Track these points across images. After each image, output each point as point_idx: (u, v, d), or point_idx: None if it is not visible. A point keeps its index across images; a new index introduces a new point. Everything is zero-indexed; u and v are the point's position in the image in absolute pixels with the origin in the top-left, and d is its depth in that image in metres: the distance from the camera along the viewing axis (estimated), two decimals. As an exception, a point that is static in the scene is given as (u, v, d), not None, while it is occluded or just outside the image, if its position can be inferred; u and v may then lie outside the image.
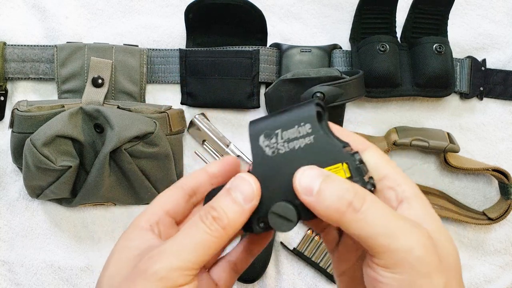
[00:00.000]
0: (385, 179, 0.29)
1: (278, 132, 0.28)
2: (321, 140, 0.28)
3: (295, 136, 0.28)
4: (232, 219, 0.27)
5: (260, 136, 0.29)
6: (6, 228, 0.63)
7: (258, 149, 0.29)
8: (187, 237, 0.26)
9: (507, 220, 0.64)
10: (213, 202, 0.27)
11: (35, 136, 0.53)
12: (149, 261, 0.26)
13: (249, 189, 0.27)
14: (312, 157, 0.28)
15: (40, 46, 0.62)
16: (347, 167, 0.27)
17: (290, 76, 0.55)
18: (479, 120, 0.65)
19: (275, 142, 0.28)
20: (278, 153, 0.28)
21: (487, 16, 0.66)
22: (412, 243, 0.25)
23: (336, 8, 0.66)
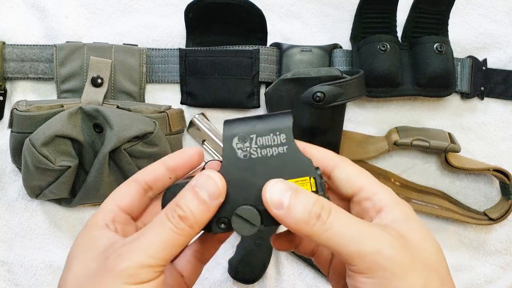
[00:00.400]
0: (361, 191, 0.30)
1: (253, 137, 0.29)
2: (293, 152, 0.29)
3: (269, 143, 0.29)
4: (198, 217, 0.27)
5: (235, 138, 0.29)
6: (5, 228, 0.63)
7: (230, 150, 0.29)
8: (154, 235, 0.27)
9: (508, 220, 0.64)
10: (179, 200, 0.28)
11: (34, 136, 0.52)
12: (117, 258, 0.26)
13: (214, 186, 0.28)
14: (282, 167, 0.29)
15: (39, 45, 0.62)
16: (314, 181, 0.29)
17: (291, 75, 0.55)
18: (480, 120, 0.65)
19: (249, 146, 0.29)
20: (250, 157, 0.29)
21: (488, 16, 0.66)
22: (379, 245, 0.26)
23: (337, 8, 0.65)
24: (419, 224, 0.29)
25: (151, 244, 0.26)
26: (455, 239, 0.64)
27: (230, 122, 0.30)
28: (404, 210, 0.29)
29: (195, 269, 0.34)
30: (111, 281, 0.25)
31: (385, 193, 0.30)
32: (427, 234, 0.29)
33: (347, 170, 0.31)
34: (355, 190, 0.31)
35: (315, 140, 0.56)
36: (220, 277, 0.63)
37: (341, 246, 0.26)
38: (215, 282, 0.63)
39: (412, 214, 0.29)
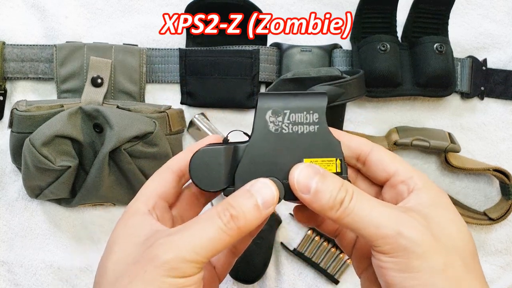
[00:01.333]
0: (396, 175, 0.31)
1: (287, 113, 0.30)
2: (323, 132, 0.30)
3: (301, 121, 0.30)
4: (249, 221, 0.27)
5: (268, 110, 0.30)
6: (5, 228, 0.63)
7: (262, 122, 0.30)
8: (202, 230, 0.26)
9: (508, 220, 0.64)
10: (232, 200, 0.28)
11: (34, 136, 0.52)
12: (161, 249, 0.26)
13: (270, 196, 0.28)
14: (311, 145, 0.30)
15: (39, 45, 0.62)
16: (339, 163, 0.30)
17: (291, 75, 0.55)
18: (480, 120, 0.65)
19: (281, 121, 0.30)
20: (281, 132, 0.30)
21: (488, 16, 0.66)
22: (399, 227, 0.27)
23: (337, 7, 0.65)
24: (447, 210, 0.29)
25: (198, 239, 0.26)
26: (455, 239, 0.64)
27: (265, 95, 0.30)
28: (433, 195, 0.30)
29: (227, 262, 0.34)
30: (152, 270, 0.25)
31: (419, 177, 0.30)
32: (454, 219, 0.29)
33: (382, 155, 0.32)
34: (390, 174, 0.31)
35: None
36: (220, 277, 0.63)
37: (363, 229, 0.27)
38: (215, 282, 0.63)
39: (442, 200, 0.30)
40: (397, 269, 0.27)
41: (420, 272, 0.26)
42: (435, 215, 0.28)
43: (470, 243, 0.29)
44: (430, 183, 0.30)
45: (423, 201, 0.29)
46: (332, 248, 0.63)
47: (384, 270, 0.27)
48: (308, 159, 0.30)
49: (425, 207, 0.29)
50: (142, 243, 0.27)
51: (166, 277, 0.25)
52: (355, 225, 0.27)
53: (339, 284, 0.63)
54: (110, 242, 0.29)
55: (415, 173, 0.31)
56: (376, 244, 0.27)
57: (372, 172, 0.33)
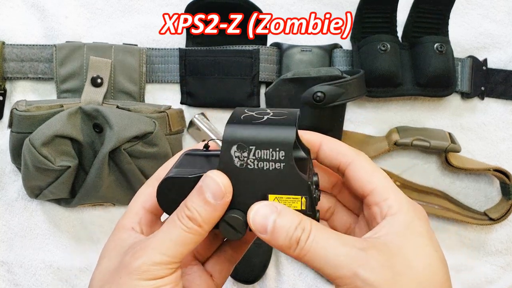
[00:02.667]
0: (371, 195, 0.30)
1: (252, 149, 0.29)
2: (289, 170, 0.29)
3: (267, 157, 0.29)
4: (205, 217, 0.28)
5: (234, 145, 0.29)
6: (4, 229, 0.63)
7: (228, 156, 0.29)
8: (166, 234, 0.28)
9: (508, 221, 0.64)
10: (187, 201, 0.29)
11: (34, 136, 0.52)
12: (133, 256, 0.28)
13: (217, 188, 0.28)
14: (276, 182, 0.29)
15: (39, 45, 0.62)
16: (305, 201, 0.29)
17: (291, 75, 0.55)
18: (480, 120, 0.65)
19: (246, 156, 0.29)
20: (246, 167, 0.29)
21: (488, 16, 0.66)
22: (355, 268, 0.26)
23: (337, 7, 0.65)
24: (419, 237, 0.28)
25: (163, 242, 0.28)
26: (455, 239, 0.64)
27: (232, 125, 0.29)
28: (407, 220, 0.29)
29: (224, 270, 0.35)
30: (127, 277, 0.27)
31: (395, 200, 0.29)
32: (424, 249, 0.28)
33: (361, 170, 0.31)
34: (366, 192, 0.31)
35: (315, 140, 0.56)
36: (220, 277, 0.63)
37: (321, 269, 0.27)
38: (215, 282, 0.63)
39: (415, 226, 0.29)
40: None
41: None
42: (403, 246, 0.28)
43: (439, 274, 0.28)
44: (406, 205, 0.29)
45: (394, 229, 0.28)
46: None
47: None
48: (273, 195, 0.29)
49: (395, 237, 0.28)
50: (122, 254, 0.29)
51: (139, 281, 0.27)
52: (313, 264, 0.27)
53: (339, 285, 0.63)
54: (100, 256, 0.31)
55: (392, 193, 0.30)
56: (335, 283, 0.27)
57: (350, 186, 0.32)
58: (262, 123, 0.29)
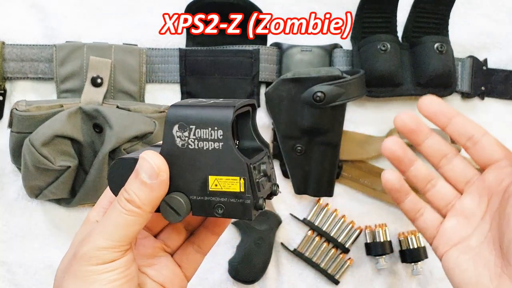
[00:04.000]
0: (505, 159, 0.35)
1: (192, 128, 0.29)
2: (228, 150, 0.29)
3: (206, 137, 0.29)
4: (143, 198, 0.29)
5: (175, 125, 0.29)
6: (4, 229, 0.63)
7: (170, 136, 0.29)
8: (109, 219, 0.29)
9: (508, 221, 0.64)
10: (126, 184, 0.30)
11: (34, 136, 0.52)
12: (80, 244, 0.29)
13: (150, 168, 0.29)
14: (216, 162, 0.29)
15: (39, 45, 0.62)
16: (243, 182, 0.29)
17: (291, 75, 0.55)
18: (481, 120, 0.64)
19: (187, 136, 0.29)
20: (187, 148, 0.29)
21: (488, 16, 0.66)
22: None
23: (337, 7, 0.65)
24: None
25: (106, 227, 0.29)
26: (455, 239, 0.64)
27: (176, 107, 0.30)
28: None
29: (193, 260, 0.36)
30: (77, 263, 0.29)
31: None
32: None
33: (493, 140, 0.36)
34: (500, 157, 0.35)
35: (315, 140, 0.56)
36: (220, 277, 0.63)
37: None
38: (215, 282, 0.63)
39: None
40: None
41: None
42: None
43: None
44: None
45: None
46: (332, 249, 0.62)
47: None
48: (213, 176, 0.29)
49: None
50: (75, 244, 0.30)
51: (87, 266, 0.28)
52: None
53: (340, 285, 0.63)
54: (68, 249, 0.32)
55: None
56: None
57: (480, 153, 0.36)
58: (204, 105, 0.30)
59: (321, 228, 0.62)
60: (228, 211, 0.29)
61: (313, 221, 0.63)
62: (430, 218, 0.37)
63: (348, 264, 0.62)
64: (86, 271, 0.28)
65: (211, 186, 0.29)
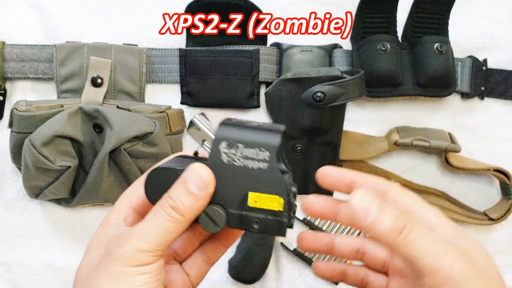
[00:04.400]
0: None
1: (240, 146, 0.31)
2: (272, 171, 0.31)
3: (252, 156, 0.31)
4: (187, 207, 0.30)
5: (223, 141, 0.31)
6: (5, 229, 0.63)
7: (216, 151, 0.31)
8: (150, 223, 0.30)
9: (508, 221, 0.64)
10: (171, 191, 0.30)
11: (34, 136, 0.52)
12: (117, 245, 0.29)
13: (200, 179, 0.30)
14: (259, 181, 0.31)
15: (39, 45, 0.62)
16: (282, 202, 0.31)
17: (291, 75, 0.55)
18: (480, 120, 0.65)
19: (234, 153, 0.31)
20: (233, 164, 0.31)
21: (488, 16, 0.66)
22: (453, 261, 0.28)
23: (337, 7, 0.65)
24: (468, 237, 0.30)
25: (147, 231, 0.29)
26: (455, 239, 0.64)
27: (226, 124, 0.32)
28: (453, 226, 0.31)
29: (201, 270, 0.37)
30: (112, 264, 0.29)
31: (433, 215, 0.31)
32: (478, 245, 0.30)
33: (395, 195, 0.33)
34: None
35: (315, 140, 0.56)
36: (220, 277, 0.63)
37: (419, 258, 0.28)
38: (215, 282, 0.63)
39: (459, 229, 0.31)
40: None
41: None
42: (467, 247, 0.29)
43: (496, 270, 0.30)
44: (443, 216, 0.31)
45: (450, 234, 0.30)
46: (332, 248, 0.62)
47: None
48: (253, 193, 0.31)
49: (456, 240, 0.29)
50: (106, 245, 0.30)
51: (124, 267, 0.28)
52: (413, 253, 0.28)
53: (340, 285, 0.63)
54: (85, 250, 0.32)
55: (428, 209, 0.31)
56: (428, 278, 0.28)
57: None
58: (251, 127, 0.32)
59: (321, 228, 0.63)
60: (263, 227, 0.31)
61: (313, 221, 0.63)
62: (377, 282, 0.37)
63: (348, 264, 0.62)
64: (123, 271, 0.28)
65: (250, 202, 0.31)
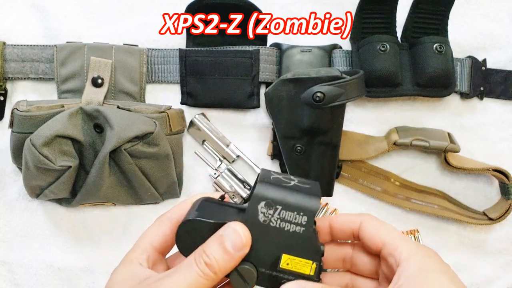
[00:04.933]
0: (384, 248, 0.32)
1: (279, 208, 0.31)
2: (308, 235, 0.31)
3: (290, 219, 0.31)
4: (222, 265, 0.30)
5: (262, 201, 0.31)
6: (5, 228, 0.63)
7: (254, 210, 0.31)
8: (182, 276, 0.29)
9: (507, 220, 0.64)
10: (206, 247, 0.30)
11: (35, 136, 0.52)
12: None
13: (239, 239, 0.30)
14: (293, 244, 0.31)
15: (39, 46, 0.62)
16: (315, 267, 0.31)
17: (291, 76, 0.55)
18: (480, 120, 0.65)
19: (271, 214, 0.31)
20: (269, 225, 0.31)
21: (487, 16, 0.66)
22: None
23: (337, 7, 0.65)
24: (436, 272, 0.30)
25: (178, 284, 0.29)
26: (455, 239, 0.64)
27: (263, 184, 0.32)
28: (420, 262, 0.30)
29: None
30: None
31: (404, 246, 0.31)
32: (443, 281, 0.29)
33: (369, 228, 0.34)
34: (379, 246, 0.33)
35: (314, 140, 0.56)
36: (220, 277, 0.63)
37: None
38: (215, 282, 0.63)
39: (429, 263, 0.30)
40: None
41: None
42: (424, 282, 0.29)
43: None
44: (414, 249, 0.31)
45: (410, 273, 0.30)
46: (332, 248, 0.63)
47: None
48: (286, 255, 0.31)
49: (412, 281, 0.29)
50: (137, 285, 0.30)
51: None
52: None
53: (339, 284, 0.63)
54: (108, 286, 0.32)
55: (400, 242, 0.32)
56: None
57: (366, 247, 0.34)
58: (290, 188, 0.32)
59: None
60: None
61: None
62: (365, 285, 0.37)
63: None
64: None
65: (282, 264, 0.31)
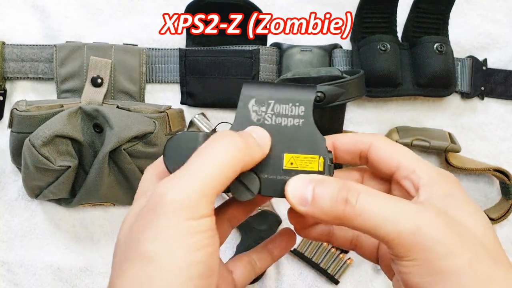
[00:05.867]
0: (398, 170, 0.28)
1: (271, 103, 0.28)
2: (308, 127, 0.28)
3: (285, 113, 0.28)
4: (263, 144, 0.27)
5: (252, 99, 0.28)
6: (5, 229, 0.63)
7: (245, 111, 0.28)
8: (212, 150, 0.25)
9: (508, 221, 0.64)
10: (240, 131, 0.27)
11: (34, 136, 0.52)
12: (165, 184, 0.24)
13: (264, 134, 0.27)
14: (294, 140, 0.28)
15: (39, 45, 0.62)
16: (322, 161, 0.27)
17: (291, 75, 0.55)
18: (480, 120, 0.65)
19: (264, 111, 0.28)
20: (263, 123, 0.28)
21: (488, 16, 0.66)
22: (418, 223, 0.24)
23: (337, 7, 0.65)
24: (461, 199, 0.27)
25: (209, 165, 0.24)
26: (455, 239, 0.64)
27: (250, 84, 0.28)
28: (443, 186, 0.27)
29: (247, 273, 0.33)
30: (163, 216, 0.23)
31: (423, 170, 0.28)
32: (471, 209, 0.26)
33: (382, 149, 0.29)
34: (393, 169, 0.29)
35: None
36: (220, 277, 0.63)
37: (377, 228, 0.24)
38: (215, 282, 0.63)
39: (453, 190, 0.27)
40: (419, 274, 0.24)
41: (445, 274, 0.23)
42: (451, 209, 0.26)
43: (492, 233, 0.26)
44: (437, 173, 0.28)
45: (433, 195, 0.26)
46: (332, 248, 0.62)
47: (405, 275, 0.24)
48: (289, 154, 0.28)
49: (438, 202, 0.26)
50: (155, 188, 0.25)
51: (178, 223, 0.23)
52: (367, 225, 0.24)
53: (339, 285, 0.63)
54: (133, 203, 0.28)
55: (418, 164, 0.28)
56: (392, 245, 0.24)
57: (376, 170, 0.30)
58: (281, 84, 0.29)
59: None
60: None
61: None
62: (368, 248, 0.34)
63: (348, 263, 0.62)
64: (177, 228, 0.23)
65: (285, 165, 0.28)
